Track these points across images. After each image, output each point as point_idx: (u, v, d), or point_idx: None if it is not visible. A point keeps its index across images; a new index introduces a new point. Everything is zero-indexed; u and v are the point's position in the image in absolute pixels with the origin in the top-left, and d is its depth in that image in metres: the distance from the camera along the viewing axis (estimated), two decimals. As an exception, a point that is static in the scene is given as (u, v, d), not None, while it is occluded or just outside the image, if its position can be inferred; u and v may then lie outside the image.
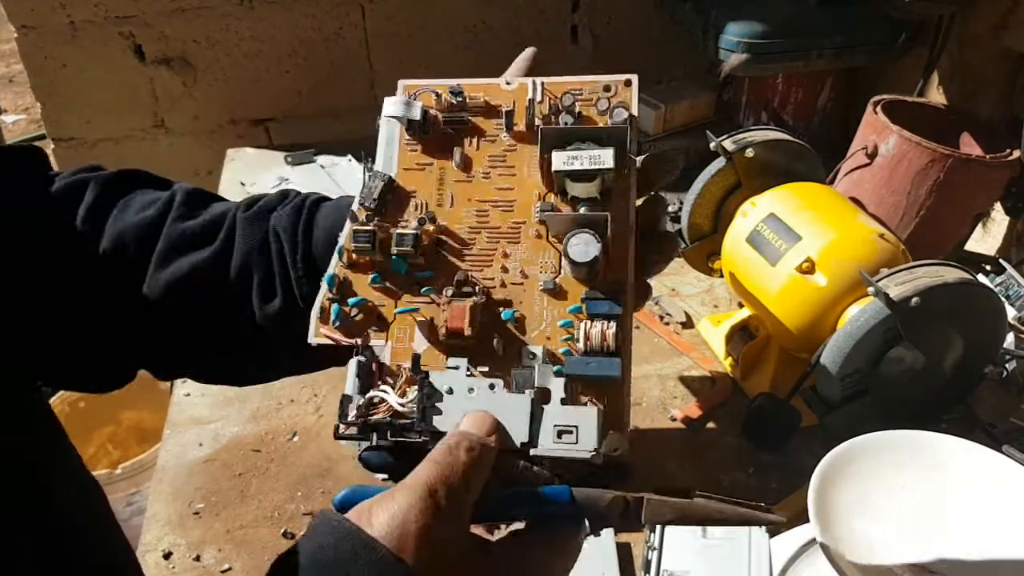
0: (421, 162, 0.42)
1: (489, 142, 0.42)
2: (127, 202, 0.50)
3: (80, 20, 1.52)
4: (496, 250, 0.40)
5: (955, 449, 0.66)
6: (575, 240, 0.37)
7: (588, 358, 0.36)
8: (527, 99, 0.42)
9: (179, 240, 0.48)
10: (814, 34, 1.25)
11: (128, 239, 0.48)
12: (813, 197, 0.88)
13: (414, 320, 0.39)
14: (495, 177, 0.41)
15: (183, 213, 0.49)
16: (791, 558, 0.68)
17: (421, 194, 0.41)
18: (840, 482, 0.63)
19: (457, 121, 0.42)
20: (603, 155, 0.38)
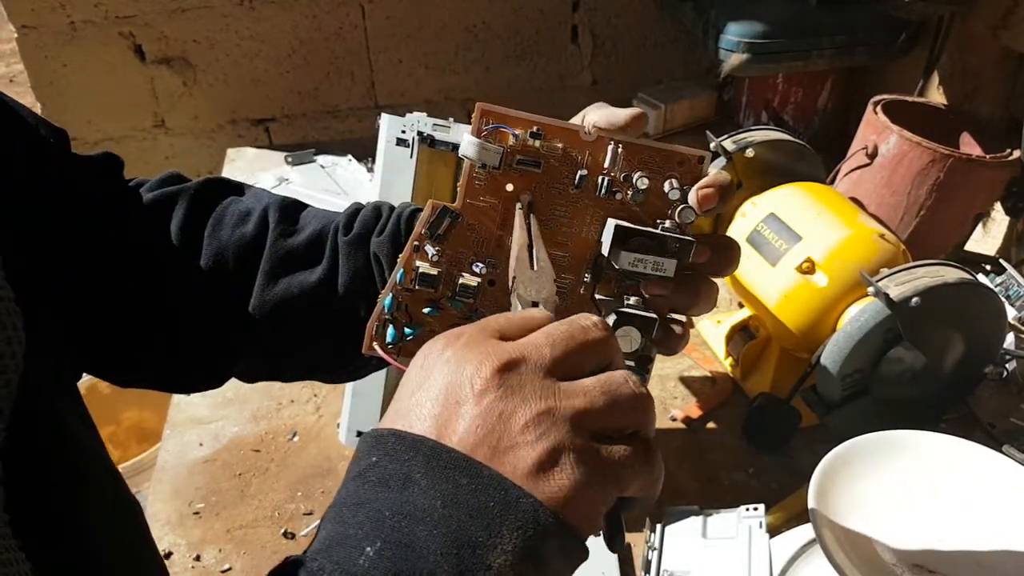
0: (487, 199, 0.42)
1: (557, 193, 0.41)
2: (219, 216, 0.51)
3: (80, 20, 1.52)
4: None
5: (955, 449, 0.66)
6: (620, 332, 0.40)
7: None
8: (604, 164, 0.41)
9: (285, 258, 0.50)
10: (814, 34, 1.25)
11: (228, 256, 0.50)
12: (813, 197, 0.88)
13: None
14: (555, 228, 0.42)
15: (284, 230, 0.51)
16: (791, 558, 0.68)
17: (482, 230, 0.42)
18: (840, 482, 0.63)
19: (532, 164, 0.41)
20: (666, 265, 0.39)
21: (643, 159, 0.41)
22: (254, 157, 1.47)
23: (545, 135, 0.41)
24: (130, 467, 1.53)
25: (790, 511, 0.78)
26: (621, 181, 0.41)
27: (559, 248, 0.42)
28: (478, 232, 0.42)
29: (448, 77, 1.67)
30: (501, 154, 0.40)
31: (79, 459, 0.40)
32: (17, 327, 0.35)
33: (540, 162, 0.41)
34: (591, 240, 0.42)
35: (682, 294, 0.41)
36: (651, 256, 0.40)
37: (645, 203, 0.41)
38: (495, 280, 0.42)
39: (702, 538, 0.73)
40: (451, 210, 0.41)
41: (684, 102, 1.39)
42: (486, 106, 0.40)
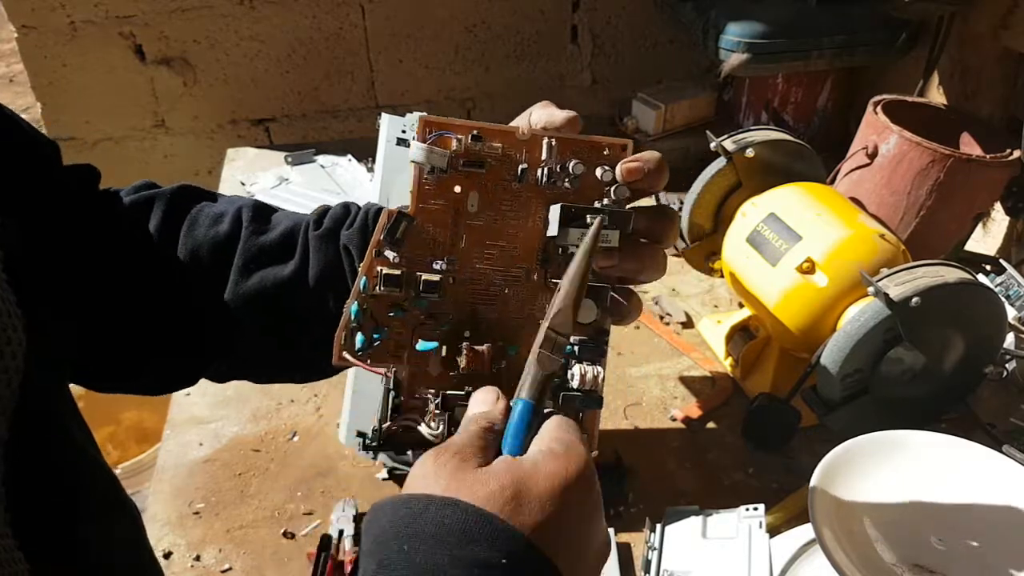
0: (438, 202, 0.45)
1: (502, 189, 0.45)
2: (194, 217, 0.54)
3: (80, 20, 1.52)
4: (503, 290, 0.45)
5: (955, 449, 0.66)
6: (584, 304, 0.41)
7: (578, 394, 0.43)
8: (541, 158, 0.45)
9: (258, 254, 0.52)
10: (814, 34, 1.25)
11: (203, 253, 0.52)
12: (813, 197, 0.88)
13: (440, 356, 0.44)
14: (505, 222, 0.45)
15: (256, 228, 0.53)
16: (791, 558, 0.68)
17: (437, 232, 0.45)
18: (840, 482, 0.63)
19: (475, 164, 0.44)
20: (610, 236, 0.42)
21: (575, 150, 0.44)
22: (254, 157, 1.47)
23: (485, 138, 0.44)
24: (130, 467, 1.53)
25: (790, 511, 0.78)
26: (558, 171, 0.44)
27: (510, 240, 0.45)
28: (433, 233, 0.45)
29: (448, 77, 1.67)
30: (447, 157, 0.44)
31: (78, 460, 0.41)
32: (17, 328, 0.35)
33: (483, 162, 0.44)
34: (538, 229, 0.45)
35: (629, 261, 0.44)
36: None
37: (582, 189, 0.45)
38: (455, 278, 0.45)
39: (702, 538, 0.73)
40: (406, 214, 0.44)
41: (684, 102, 1.39)
42: (428, 117, 0.44)
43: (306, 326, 0.51)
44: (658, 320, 1.08)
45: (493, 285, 0.45)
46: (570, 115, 0.45)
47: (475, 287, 0.45)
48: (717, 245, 0.95)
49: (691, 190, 0.96)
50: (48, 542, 0.36)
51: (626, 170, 0.44)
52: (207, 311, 0.52)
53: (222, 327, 0.52)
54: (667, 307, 1.09)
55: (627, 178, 0.44)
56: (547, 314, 0.40)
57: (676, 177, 1.43)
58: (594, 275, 0.43)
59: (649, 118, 1.37)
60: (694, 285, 1.14)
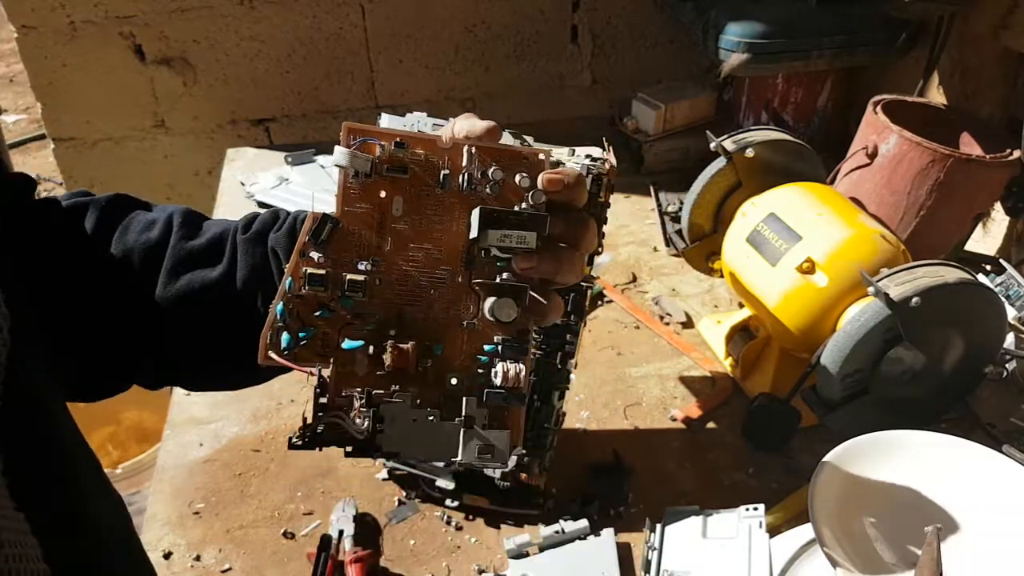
0: (363, 205, 0.46)
1: (426, 194, 0.47)
2: (127, 224, 0.55)
3: (80, 20, 1.52)
4: (428, 292, 0.46)
5: (955, 449, 0.66)
6: (500, 303, 0.45)
7: (502, 391, 0.45)
8: (463, 165, 0.47)
9: (187, 258, 0.54)
10: (814, 34, 1.25)
11: (135, 257, 0.53)
12: (813, 197, 0.88)
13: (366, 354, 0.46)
14: (430, 226, 0.47)
15: (185, 233, 0.55)
16: (791, 558, 0.68)
17: (363, 235, 0.46)
18: (840, 482, 0.63)
19: (398, 170, 0.46)
20: (528, 238, 0.45)
21: (495, 158, 0.47)
22: (254, 157, 1.47)
23: (408, 145, 0.46)
24: (130, 467, 1.53)
25: (790, 511, 0.78)
26: (479, 178, 0.46)
27: (435, 243, 0.46)
28: (358, 236, 0.46)
29: (448, 77, 1.67)
30: (371, 161, 0.46)
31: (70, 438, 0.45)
32: (2, 329, 0.38)
33: (406, 168, 0.46)
34: (462, 233, 0.46)
35: (547, 263, 0.46)
36: (514, 231, 0.45)
37: (502, 194, 0.46)
38: (381, 279, 0.46)
39: (702, 538, 0.73)
40: (331, 217, 0.46)
41: (684, 102, 1.39)
42: (352, 124, 0.46)
43: (235, 328, 0.51)
44: (658, 320, 1.08)
45: (419, 287, 0.46)
46: (490, 125, 0.47)
47: (401, 288, 0.46)
48: (717, 245, 0.95)
49: (691, 190, 0.96)
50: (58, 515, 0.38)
51: (547, 180, 0.46)
52: (136, 313, 0.53)
53: (151, 328, 0.53)
54: (667, 307, 1.09)
55: (547, 188, 0.46)
56: None
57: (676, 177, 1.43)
58: (514, 276, 0.46)
59: (649, 118, 1.37)
60: (694, 285, 1.14)
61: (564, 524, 0.77)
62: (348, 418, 0.45)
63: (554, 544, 0.76)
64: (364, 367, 0.45)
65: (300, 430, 0.44)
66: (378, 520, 0.81)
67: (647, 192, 1.31)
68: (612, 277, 1.16)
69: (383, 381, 0.45)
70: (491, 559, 0.77)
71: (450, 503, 0.80)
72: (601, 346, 1.03)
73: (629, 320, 1.08)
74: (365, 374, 0.45)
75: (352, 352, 0.45)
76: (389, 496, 0.83)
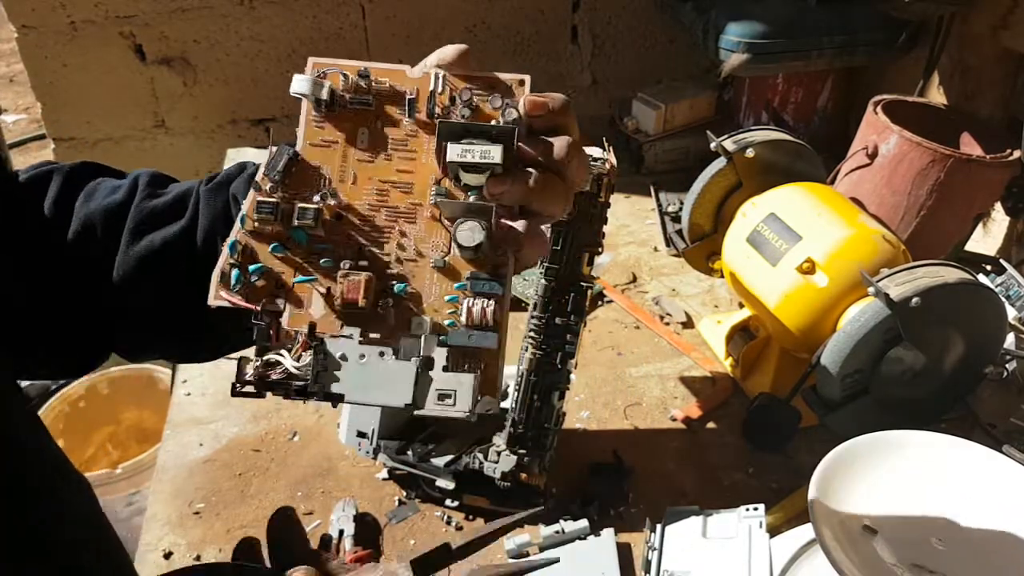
0: (327, 139, 0.44)
1: (392, 126, 0.44)
2: (91, 190, 0.52)
3: (80, 20, 1.52)
4: (394, 228, 0.43)
5: (955, 449, 0.66)
6: (464, 226, 0.40)
7: (469, 331, 0.40)
8: (429, 89, 0.44)
9: (149, 217, 0.51)
10: (814, 34, 1.25)
11: (96, 221, 0.51)
12: (813, 197, 0.88)
13: (312, 288, 0.42)
14: (396, 159, 0.44)
15: (150, 192, 0.52)
16: (791, 558, 0.68)
17: (325, 170, 0.44)
18: (840, 482, 0.63)
19: (363, 103, 0.44)
20: (492, 151, 0.40)
21: (467, 87, 0.44)
22: (254, 157, 1.47)
23: (372, 75, 0.44)
24: (130, 467, 1.53)
25: (790, 511, 0.78)
26: (449, 104, 0.44)
27: (404, 176, 0.44)
28: (321, 171, 0.44)
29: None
30: (331, 88, 0.43)
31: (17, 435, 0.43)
32: None
33: (371, 99, 0.44)
34: (431, 166, 0.44)
35: (520, 185, 0.41)
36: (477, 145, 0.41)
37: (474, 118, 0.43)
38: (342, 215, 0.43)
39: (702, 538, 0.73)
40: (289, 149, 0.43)
41: (684, 102, 1.39)
42: (317, 59, 0.44)
43: (198, 287, 0.48)
44: (658, 320, 1.08)
45: (384, 222, 0.43)
46: (461, 48, 0.44)
47: (364, 225, 0.43)
48: (717, 245, 0.95)
49: (691, 190, 0.96)
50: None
51: (529, 102, 0.42)
52: (102, 281, 0.50)
53: (117, 295, 0.50)
54: (667, 307, 1.09)
55: (530, 112, 0.42)
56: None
57: (676, 177, 1.43)
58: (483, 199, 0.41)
59: (649, 118, 1.37)
60: (694, 285, 1.14)
61: (564, 524, 0.77)
62: (289, 355, 0.41)
63: (554, 544, 0.76)
64: (321, 308, 0.42)
65: (241, 371, 0.41)
66: (378, 520, 0.81)
67: (647, 192, 1.31)
68: (612, 277, 1.16)
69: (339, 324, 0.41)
70: (491, 558, 0.77)
71: (450, 503, 0.80)
72: (601, 346, 1.03)
73: (629, 320, 1.08)
74: (322, 317, 0.41)
75: (310, 292, 0.42)
76: (389, 496, 0.83)
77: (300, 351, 0.41)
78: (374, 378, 0.40)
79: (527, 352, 0.75)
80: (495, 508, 0.80)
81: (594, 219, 0.74)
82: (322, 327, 0.41)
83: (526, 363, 0.75)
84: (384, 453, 0.81)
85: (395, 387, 0.40)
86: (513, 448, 0.77)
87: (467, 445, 0.80)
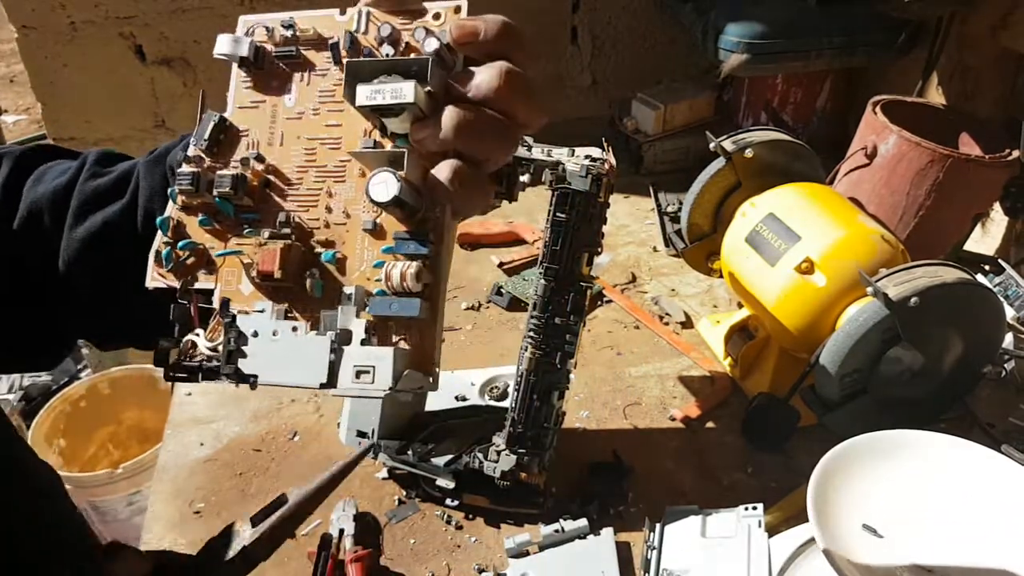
0: (255, 100, 0.41)
1: (320, 76, 0.40)
2: (41, 173, 0.50)
3: (81, 20, 1.52)
4: (322, 189, 0.39)
5: (954, 449, 0.66)
6: (375, 179, 0.35)
7: (391, 298, 0.35)
8: (349, 29, 0.39)
9: (92, 197, 0.48)
10: (813, 34, 1.25)
11: (43, 205, 0.48)
12: (812, 197, 0.89)
13: (241, 263, 0.39)
14: (324, 113, 0.40)
15: (95, 172, 0.49)
16: (790, 557, 0.69)
17: (253, 133, 0.40)
18: (839, 482, 0.63)
19: (287, 56, 0.40)
20: (404, 88, 0.34)
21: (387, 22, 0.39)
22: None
23: (296, 24, 0.40)
24: (131, 467, 1.53)
25: (789, 510, 0.78)
26: (376, 45, 0.38)
27: (333, 130, 0.39)
28: (251, 134, 0.40)
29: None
30: (252, 45, 0.41)
31: None
32: None
33: (295, 50, 0.40)
34: (362, 120, 0.39)
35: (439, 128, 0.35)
36: (388, 84, 0.35)
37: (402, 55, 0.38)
38: (270, 181, 0.39)
39: (701, 537, 0.73)
40: (216, 115, 0.40)
41: (683, 103, 1.39)
42: (247, 17, 0.42)
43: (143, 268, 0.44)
44: (657, 320, 1.08)
45: (313, 184, 0.39)
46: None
47: (291, 188, 0.39)
48: (716, 245, 0.96)
49: (690, 190, 0.96)
50: None
51: (456, 27, 0.35)
52: (48, 267, 0.48)
53: (64, 282, 0.48)
54: (666, 307, 1.10)
55: (457, 40, 0.35)
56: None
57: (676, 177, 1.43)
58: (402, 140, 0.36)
59: (649, 118, 1.38)
60: (693, 285, 1.14)
61: (564, 523, 0.77)
62: (204, 335, 0.38)
63: (554, 543, 0.76)
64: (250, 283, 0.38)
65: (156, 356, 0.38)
66: (378, 519, 0.81)
67: (646, 192, 1.31)
68: (612, 277, 1.16)
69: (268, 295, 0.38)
70: (491, 558, 0.77)
71: (450, 502, 0.80)
72: (601, 346, 1.03)
73: (629, 320, 1.08)
74: (252, 292, 0.38)
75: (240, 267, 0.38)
76: (389, 495, 0.83)
77: (216, 331, 0.38)
78: (287, 356, 0.36)
79: (527, 352, 0.75)
80: (495, 507, 0.80)
81: (593, 219, 0.74)
82: (250, 304, 0.38)
83: (526, 363, 0.75)
84: (384, 453, 0.81)
85: (309, 365, 0.36)
86: (513, 447, 0.77)
87: (467, 445, 0.81)
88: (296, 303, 0.37)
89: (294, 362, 0.36)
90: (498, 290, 1.11)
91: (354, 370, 0.35)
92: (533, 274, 1.00)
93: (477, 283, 1.15)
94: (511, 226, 1.26)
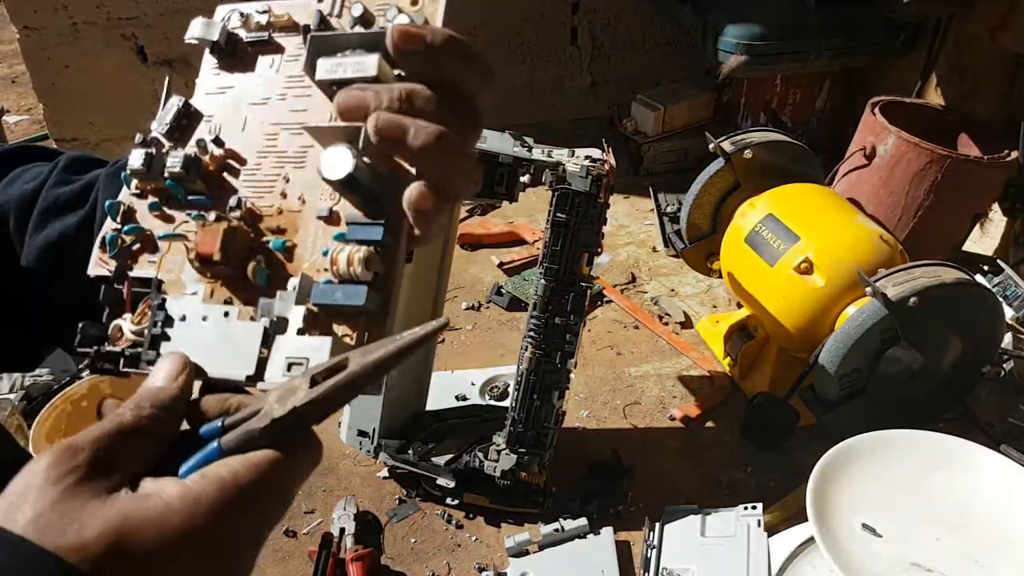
0: (223, 85, 0.40)
1: (290, 62, 0.38)
2: (16, 176, 0.49)
3: (82, 21, 1.52)
4: (279, 175, 0.37)
5: (953, 448, 0.66)
6: (326, 154, 0.32)
7: (336, 286, 0.32)
8: (319, 9, 0.37)
9: (53, 205, 0.47)
10: (813, 35, 1.26)
11: (10, 210, 0.47)
12: (811, 198, 0.89)
13: (185, 248, 0.36)
14: (290, 98, 0.38)
15: (60, 179, 0.48)
16: (789, 556, 0.69)
17: (216, 118, 0.38)
18: (838, 481, 0.64)
19: (259, 42, 0.39)
20: (367, 62, 0.32)
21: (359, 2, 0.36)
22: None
23: (271, 9, 0.39)
24: (131, 467, 1.53)
25: (788, 510, 0.79)
26: (349, 28, 0.36)
27: (297, 115, 0.37)
28: (213, 122, 0.38)
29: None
30: (224, 31, 0.39)
31: None
32: None
33: (267, 35, 0.38)
34: (327, 103, 0.37)
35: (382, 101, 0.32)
36: (350, 58, 0.33)
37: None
38: (229, 167, 0.37)
39: (701, 536, 0.74)
40: (180, 100, 0.38)
41: (683, 103, 1.39)
42: (224, 6, 0.40)
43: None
44: (657, 320, 1.08)
45: (270, 170, 0.37)
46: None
47: (249, 175, 0.37)
48: (716, 246, 0.96)
49: (690, 191, 0.97)
50: None
51: (396, 32, 0.32)
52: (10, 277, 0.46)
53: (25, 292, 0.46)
54: (666, 307, 1.10)
55: (397, 44, 0.32)
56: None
57: (675, 178, 1.43)
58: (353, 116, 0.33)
59: (648, 119, 1.38)
60: (693, 285, 1.14)
61: (564, 522, 0.77)
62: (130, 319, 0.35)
63: (554, 542, 0.77)
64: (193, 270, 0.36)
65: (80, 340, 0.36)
66: (379, 518, 0.81)
67: (646, 193, 1.31)
68: (611, 277, 1.17)
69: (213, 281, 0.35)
70: (491, 557, 0.77)
71: (451, 501, 0.81)
72: (601, 346, 1.04)
73: (628, 320, 1.08)
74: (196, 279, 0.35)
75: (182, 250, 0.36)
76: (390, 495, 0.83)
77: (143, 313, 0.35)
78: (215, 344, 0.33)
79: (527, 352, 0.76)
80: (495, 506, 0.80)
81: (593, 220, 0.74)
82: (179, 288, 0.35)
83: (526, 362, 0.76)
84: (385, 452, 0.82)
85: (237, 355, 0.33)
86: (513, 447, 0.77)
87: (467, 444, 0.81)
88: (239, 292, 0.34)
89: (221, 351, 0.33)
90: (498, 290, 1.11)
91: (286, 362, 0.32)
92: (533, 274, 1.01)
93: (477, 283, 1.15)
94: (511, 226, 1.26)
